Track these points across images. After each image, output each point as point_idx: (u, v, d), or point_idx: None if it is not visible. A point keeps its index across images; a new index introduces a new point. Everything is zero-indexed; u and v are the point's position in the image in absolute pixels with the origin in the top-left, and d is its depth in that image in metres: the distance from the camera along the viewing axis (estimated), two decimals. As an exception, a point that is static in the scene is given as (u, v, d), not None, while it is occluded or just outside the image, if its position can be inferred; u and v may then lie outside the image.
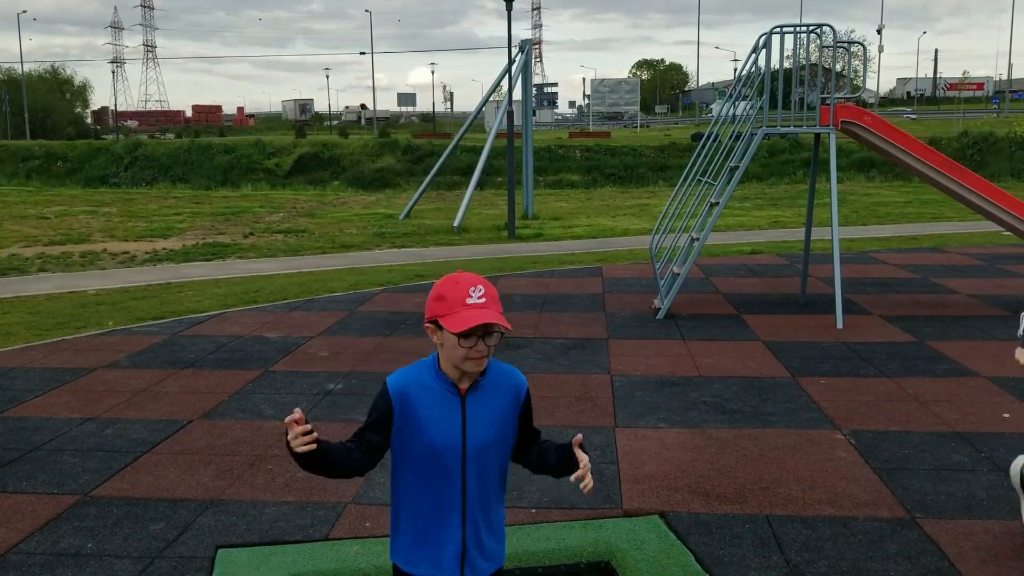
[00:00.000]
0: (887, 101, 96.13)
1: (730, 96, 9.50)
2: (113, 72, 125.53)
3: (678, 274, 9.15)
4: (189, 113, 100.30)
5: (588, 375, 6.92)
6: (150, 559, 3.96)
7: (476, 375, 2.40)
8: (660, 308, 9.10)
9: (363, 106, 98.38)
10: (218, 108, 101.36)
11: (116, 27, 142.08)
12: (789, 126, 8.81)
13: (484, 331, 2.32)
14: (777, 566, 3.83)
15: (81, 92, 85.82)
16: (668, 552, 3.98)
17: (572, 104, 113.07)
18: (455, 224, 18.42)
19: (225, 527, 4.28)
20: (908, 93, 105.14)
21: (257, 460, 5.16)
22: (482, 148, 34.43)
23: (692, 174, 9.42)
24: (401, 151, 38.08)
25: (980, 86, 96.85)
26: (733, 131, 9.21)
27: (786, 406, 6.07)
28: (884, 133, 8.71)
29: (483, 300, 2.36)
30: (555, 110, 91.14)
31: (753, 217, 20.61)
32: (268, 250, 15.60)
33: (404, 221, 20.50)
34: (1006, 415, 5.84)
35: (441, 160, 22.55)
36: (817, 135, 9.28)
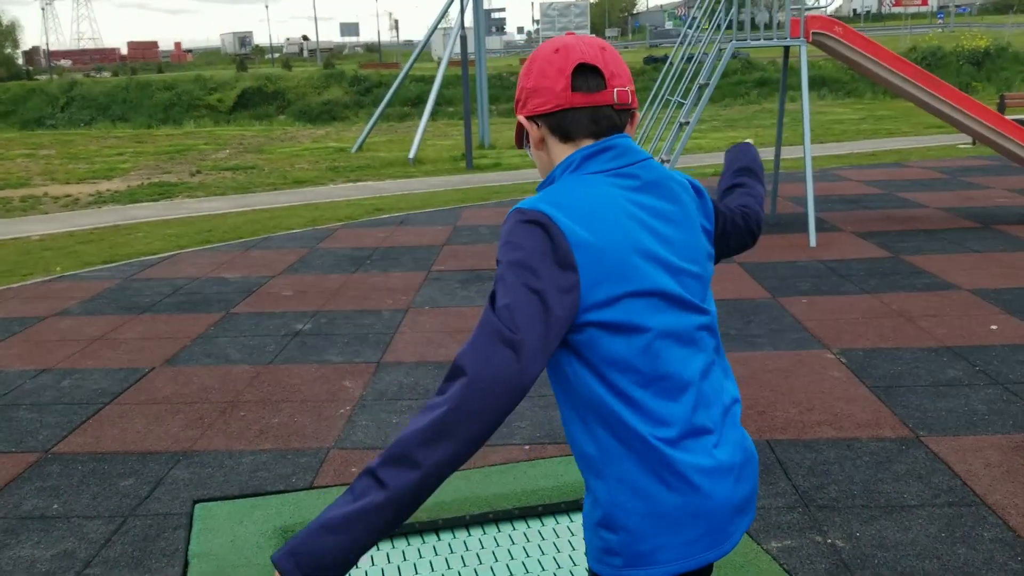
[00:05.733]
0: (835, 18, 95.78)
1: (692, 18, 9.17)
2: (43, 10, 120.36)
3: (648, 197, 8.91)
4: (124, 51, 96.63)
5: (565, 304, 6.70)
6: (122, 518, 3.70)
7: None
8: (631, 233, 8.87)
9: (305, 37, 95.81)
10: (154, 44, 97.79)
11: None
12: (759, 40, 8.53)
13: None
14: (785, 493, 3.68)
15: (10, 32, 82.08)
16: (671, 484, 3.81)
17: (520, 30, 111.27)
18: (410, 156, 17.95)
19: (201, 480, 4.03)
20: (855, 10, 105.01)
21: (228, 407, 4.88)
22: (431, 77, 33.68)
23: (660, 95, 9.13)
24: (348, 83, 37.08)
25: (925, 1, 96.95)
26: (700, 49, 8.90)
27: (771, 327, 5.92)
28: (856, 44, 8.47)
29: None
30: (503, 36, 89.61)
31: (711, 139, 20.40)
32: (217, 188, 15.05)
33: (357, 154, 19.95)
34: (993, 327, 5.75)
35: (392, 91, 21.92)
36: (787, 49, 9.02)
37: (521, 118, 1.65)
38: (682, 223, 1.59)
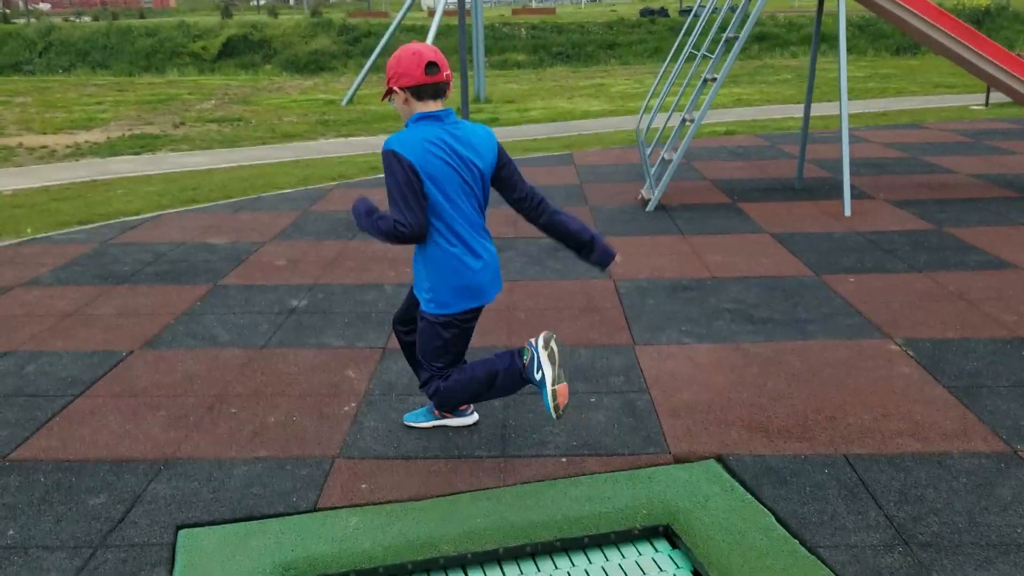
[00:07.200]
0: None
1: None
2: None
3: (669, 160, 8.28)
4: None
5: (587, 280, 6.10)
6: (91, 549, 3.10)
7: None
8: (650, 199, 8.26)
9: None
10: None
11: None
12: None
13: None
14: (879, 526, 3.12)
15: (-16, -27, 79.55)
16: (740, 511, 3.24)
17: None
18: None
19: (185, 497, 3.43)
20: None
21: (216, 402, 4.28)
22: (421, 27, 32.62)
23: (684, 49, 8.44)
24: (336, 32, 35.94)
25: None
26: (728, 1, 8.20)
27: (821, 311, 5.34)
28: (898, -3, 7.79)
29: None
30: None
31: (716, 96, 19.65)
32: (202, 141, 14.29)
33: (347, 107, 19.15)
34: (1068, 315, 5.19)
35: (383, 41, 21.05)
36: (821, 1, 8.34)
37: (395, 88, 3.21)
38: (470, 147, 3.25)
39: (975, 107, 16.79)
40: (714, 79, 7.97)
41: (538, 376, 3.27)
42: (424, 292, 3.39)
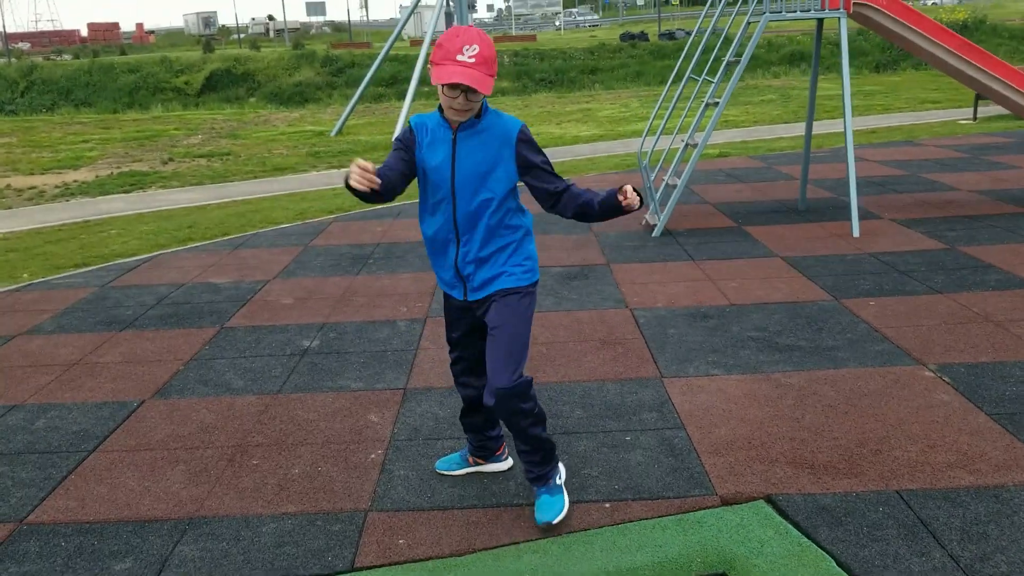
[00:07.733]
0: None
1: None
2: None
3: (673, 186, 8.20)
4: (85, 32, 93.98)
5: (604, 311, 5.98)
6: (121, 620, 2.94)
7: (469, 116, 3.03)
8: (655, 224, 8.17)
9: (270, 17, 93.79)
10: (115, 25, 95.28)
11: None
12: (795, 11, 7.81)
13: (467, 87, 2.86)
14: (945, 567, 2.99)
15: (-38, 13, 79.18)
16: (799, 556, 3.11)
17: (490, 8, 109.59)
18: (395, 138, 17.09)
19: (214, 559, 3.27)
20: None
21: (237, 453, 4.12)
22: (404, 57, 32.65)
23: (686, 73, 8.39)
24: (319, 63, 35.94)
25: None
26: (728, 24, 8.16)
27: (846, 337, 5.24)
28: (899, 15, 7.78)
29: (472, 60, 2.86)
30: (473, 14, 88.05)
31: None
32: (193, 177, 14.14)
33: (337, 138, 19.05)
34: (1098, 334, 5.11)
35: (372, 71, 21.01)
36: (820, 22, 8.31)
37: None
38: None
39: (963, 121, 16.87)
40: (715, 103, 7.91)
41: (558, 480, 3.52)
42: (520, 264, 3.25)
